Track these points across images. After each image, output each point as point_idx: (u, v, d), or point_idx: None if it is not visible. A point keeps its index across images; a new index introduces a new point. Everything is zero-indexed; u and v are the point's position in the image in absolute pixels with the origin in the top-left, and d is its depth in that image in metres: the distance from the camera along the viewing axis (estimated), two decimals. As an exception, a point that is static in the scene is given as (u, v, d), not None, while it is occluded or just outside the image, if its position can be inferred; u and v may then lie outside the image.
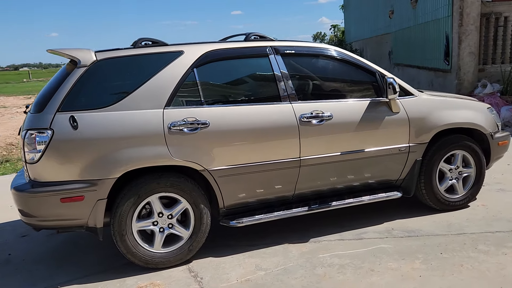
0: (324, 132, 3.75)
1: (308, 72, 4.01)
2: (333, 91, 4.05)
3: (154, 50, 3.53)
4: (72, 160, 3.20)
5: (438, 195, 4.27)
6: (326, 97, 3.90)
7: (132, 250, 3.36)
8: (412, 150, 4.08)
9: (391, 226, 4.07)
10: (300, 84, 3.88)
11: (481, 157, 4.38)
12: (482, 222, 4.07)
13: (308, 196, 3.95)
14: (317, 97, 3.89)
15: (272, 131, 3.61)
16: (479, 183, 4.45)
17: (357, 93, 4.08)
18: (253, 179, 3.62)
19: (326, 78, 4.09)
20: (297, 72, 3.90)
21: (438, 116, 4.14)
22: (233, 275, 3.33)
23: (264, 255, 3.63)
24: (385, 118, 3.95)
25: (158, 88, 3.41)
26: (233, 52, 3.70)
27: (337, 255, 3.56)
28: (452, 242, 3.68)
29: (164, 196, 3.45)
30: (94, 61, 3.35)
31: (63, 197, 3.17)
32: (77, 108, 3.24)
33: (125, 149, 3.26)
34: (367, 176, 4.05)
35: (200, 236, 3.54)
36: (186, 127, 3.37)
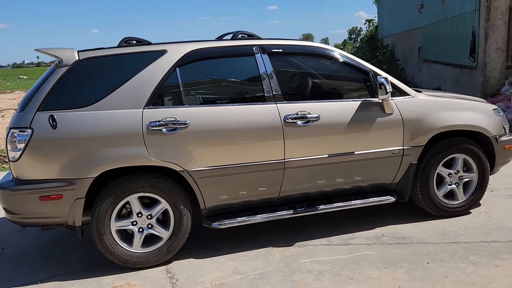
0: (310, 133, 3.64)
1: (296, 71, 3.91)
2: (322, 91, 3.93)
3: (136, 49, 3.53)
4: (51, 159, 3.24)
5: (436, 201, 4.08)
6: (314, 98, 3.79)
7: (110, 249, 3.38)
8: (407, 153, 3.91)
9: (382, 232, 3.92)
10: (287, 84, 3.79)
11: (483, 161, 4.15)
12: (480, 230, 3.86)
13: (295, 199, 3.86)
14: (305, 98, 3.79)
15: (255, 132, 3.54)
16: (481, 189, 4.22)
17: (348, 93, 3.94)
18: (235, 181, 3.57)
19: (315, 78, 3.98)
20: (285, 72, 3.81)
21: (436, 117, 3.94)
22: (209, 278, 3.29)
23: (244, 258, 3.57)
24: (377, 120, 3.80)
25: (139, 87, 3.40)
26: (218, 51, 3.64)
27: (319, 261, 3.46)
28: (443, 251, 3.51)
29: (145, 196, 3.45)
30: (76, 60, 3.37)
31: (42, 196, 3.22)
32: (57, 107, 3.27)
33: (103, 149, 3.27)
34: (357, 180, 3.91)
35: (180, 237, 3.52)
36: (165, 127, 3.35)
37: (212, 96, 3.68)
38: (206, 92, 3.69)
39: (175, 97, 3.49)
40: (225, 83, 3.78)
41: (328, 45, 3.98)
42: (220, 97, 3.68)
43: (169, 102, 3.47)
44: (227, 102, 3.61)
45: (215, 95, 3.71)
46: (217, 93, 3.73)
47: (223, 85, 3.78)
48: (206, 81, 3.72)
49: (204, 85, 3.70)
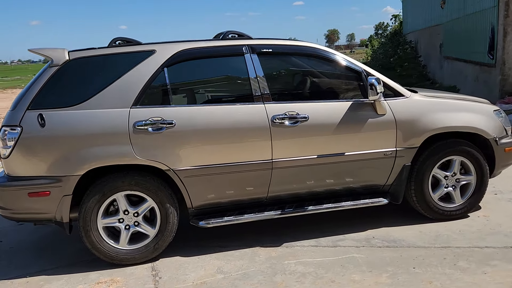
0: (298, 134, 3.61)
1: (286, 71, 3.88)
2: (312, 91, 3.88)
3: (126, 49, 3.56)
4: (39, 156, 3.32)
5: (431, 203, 3.99)
6: (303, 98, 3.76)
7: (96, 246, 3.44)
8: (400, 155, 3.83)
9: (373, 234, 3.86)
10: (276, 84, 3.77)
11: (482, 164, 4.02)
12: (475, 235, 3.75)
13: (285, 199, 3.84)
14: (294, 98, 3.75)
15: (242, 132, 3.53)
16: (480, 192, 4.10)
17: (339, 94, 3.89)
18: (222, 180, 3.57)
19: (305, 78, 3.93)
20: (274, 72, 3.79)
21: (431, 119, 3.84)
22: (191, 277, 3.31)
23: (230, 258, 3.58)
24: (369, 121, 3.73)
25: (126, 87, 3.44)
26: (207, 51, 3.65)
27: (304, 262, 3.44)
28: (432, 255, 3.43)
29: (132, 195, 3.50)
30: (66, 60, 3.44)
31: (30, 192, 3.31)
32: (46, 106, 3.34)
33: (89, 147, 3.33)
34: (349, 181, 3.86)
35: (166, 235, 3.55)
36: (150, 126, 3.38)
37: (200, 96, 3.70)
38: (194, 92, 3.70)
39: (162, 97, 3.51)
40: (213, 83, 3.79)
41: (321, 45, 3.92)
42: (208, 97, 3.69)
43: (156, 102, 3.50)
44: (214, 102, 3.62)
45: (203, 95, 3.72)
46: (205, 93, 3.74)
47: (212, 85, 3.79)
48: (194, 81, 3.74)
49: (192, 85, 3.71)
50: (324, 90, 3.90)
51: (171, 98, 3.50)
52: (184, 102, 3.56)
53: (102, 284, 3.28)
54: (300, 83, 3.91)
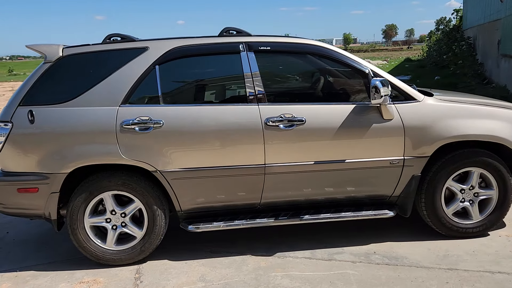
0: (294, 138, 3.39)
1: (284, 71, 3.65)
2: (311, 92, 3.64)
3: (118, 46, 3.49)
4: (28, 153, 3.32)
5: (443, 218, 3.62)
6: (302, 99, 3.52)
7: (83, 245, 3.41)
8: (408, 164, 3.50)
9: (375, 249, 3.56)
10: (273, 84, 3.56)
11: (506, 178, 3.60)
12: (490, 257, 3.36)
13: (281, 206, 3.63)
14: (291, 99, 3.53)
15: (233, 134, 3.36)
16: (502, 209, 3.68)
17: (342, 96, 3.61)
18: (212, 184, 3.42)
19: (305, 78, 3.70)
20: (271, 71, 3.58)
21: (444, 126, 3.48)
22: (172, 283, 3.20)
23: (217, 265, 3.43)
24: (373, 126, 3.43)
25: (116, 85, 3.37)
26: (202, 49, 3.50)
27: (292, 275, 3.22)
28: (433, 278, 3.10)
29: (121, 195, 3.43)
30: (60, 57, 3.42)
31: (19, 188, 3.33)
32: (37, 102, 3.34)
33: (76, 145, 3.29)
34: (350, 190, 3.58)
35: (153, 238, 3.46)
36: (138, 125, 3.29)
37: (191, 96, 3.55)
38: (185, 91, 3.56)
39: (152, 96, 3.41)
40: (207, 82, 3.63)
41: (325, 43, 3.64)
42: (200, 97, 3.54)
43: (145, 101, 3.40)
44: (206, 102, 3.47)
45: (194, 95, 3.57)
46: (197, 92, 3.59)
47: (204, 84, 3.63)
48: (186, 79, 3.60)
49: (184, 84, 3.58)
50: (324, 91, 3.63)
51: (161, 97, 3.39)
52: (175, 102, 3.43)
53: (84, 283, 3.25)
54: (298, 83, 3.68)
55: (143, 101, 3.39)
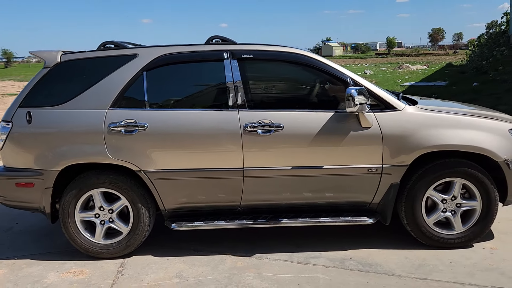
0: (271, 143, 3.49)
1: (266, 78, 3.76)
2: (290, 99, 3.72)
3: (111, 53, 3.72)
4: (25, 150, 3.60)
5: (423, 228, 3.61)
6: (281, 106, 3.60)
7: (73, 237, 3.66)
8: (386, 172, 3.52)
9: (352, 255, 3.60)
10: (254, 91, 3.66)
11: (490, 189, 3.55)
12: (466, 269, 3.33)
13: (262, 209, 3.74)
14: (271, 106, 3.62)
15: (213, 138, 3.50)
16: (486, 221, 3.62)
17: (321, 103, 3.68)
18: (193, 185, 3.58)
19: (286, 85, 3.79)
20: (253, 78, 3.68)
21: (424, 135, 3.48)
22: (150, 278, 3.38)
23: (196, 263, 3.58)
24: (351, 133, 3.48)
25: (106, 89, 3.59)
26: (187, 56, 3.66)
27: (263, 276, 3.33)
28: (401, 286, 3.12)
29: (109, 192, 3.65)
30: (57, 63, 3.68)
31: (17, 182, 3.62)
32: (35, 104, 3.62)
33: (68, 145, 3.54)
34: (329, 196, 3.64)
35: (138, 234, 3.66)
36: (123, 128, 3.50)
37: (175, 101, 3.71)
38: (170, 96, 3.72)
39: (139, 100, 3.61)
40: (190, 88, 3.78)
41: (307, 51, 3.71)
42: (183, 102, 3.70)
43: (132, 105, 3.60)
44: (189, 107, 3.63)
45: (178, 100, 3.73)
46: (181, 97, 3.75)
47: (188, 90, 3.78)
48: (171, 85, 3.76)
49: (168, 89, 3.75)
50: (304, 98, 3.71)
51: (147, 101, 3.58)
52: (159, 106, 3.62)
53: (70, 274, 3.49)
54: (279, 90, 3.77)
55: (130, 105, 3.60)
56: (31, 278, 3.43)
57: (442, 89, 17.09)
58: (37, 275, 3.48)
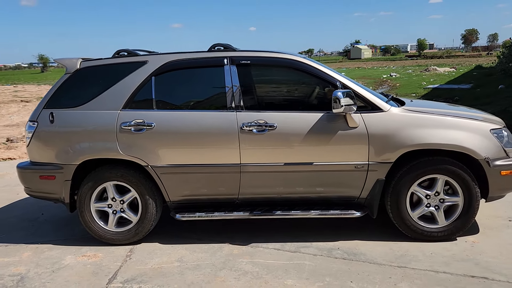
0: (265, 141, 3.82)
1: (262, 82, 4.08)
2: (284, 101, 4.04)
3: (124, 60, 4.13)
4: (48, 147, 4.06)
5: (408, 221, 3.87)
6: (275, 108, 3.93)
7: (89, 225, 4.09)
8: (372, 169, 3.80)
9: (340, 246, 3.89)
10: (250, 93, 3.99)
11: (471, 186, 3.77)
12: (443, 259, 3.56)
13: (258, 202, 4.07)
14: (266, 107, 3.95)
15: (213, 136, 3.86)
16: (467, 216, 3.84)
17: (312, 105, 3.98)
18: (195, 179, 3.95)
19: (280, 88, 4.10)
20: (250, 82, 4.01)
21: (408, 134, 3.73)
22: (155, 261, 3.77)
23: (197, 250, 3.95)
24: (339, 133, 3.78)
25: (119, 92, 4.01)
26: (192, 62, 4.04)
27: (255, 262, 3.66)
28: (380, 273, 3.39)
29: (121, 185, 4.07)
30: (77, 69, 4.14)
31: (41, 175, 4.08)
32: (57, 106, 4.07)
33: (85, 142, 3.98)
34: (320, 190, 3.94)
35: (146, 223, 4.05)
36: (133, 127, 3.91)
37: (180, 102, 4.09)
38: (175, 99, 4.10)
39: (147, 102, 4.00)
40: (193, 91, 4.13)
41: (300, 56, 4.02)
42: (187, 104, 4.07)
43: (142, 106, 4.00)
44: (192, 108, 4.00)
45: (182, 101, 4.09)
46: (185, 99, 4.11)
47: (191, 93, 4.14)
48: (177, 88, 4.13)
49: (174, 92, 4.12)
50: (297, 100, 4.02)
51: (154, 103, 3.98)
52: (165, 107, 4.00)
53: (85, 257, 3.92)
54: (274, 93, 4.09)
55: (139, 107, 4.00)
56: (51, 260, 3.88)
57: (466, 92, 16.98)
58: (56, 257, 3.92)
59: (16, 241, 4.33)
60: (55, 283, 3.48)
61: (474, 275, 3.29)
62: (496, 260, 3.51)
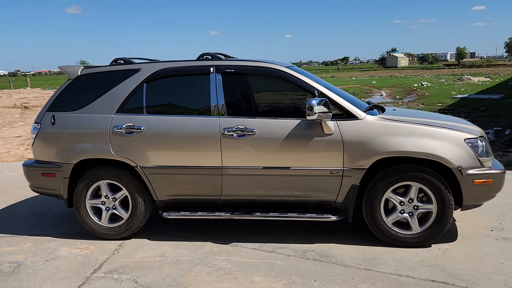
0: (245, 145, 4.03)
1: (244, 89, 4.31)
2: (264, 108, 4.24)
3: (120, 67, 4.46)
4: (49, 146, 4.42)
5: (382, 227, 3.98)
6: (256, 114, 4.16)
7: (84, 220, 4.42)
8: (347, 175, 3.93)
9: (315, 248, 4.04)
10: (233, 100, 4.22)
11: (444, 194, 3.85)
12: (411, 264, 3.66)
13: (240, 203, 4.28)
14: (247, 113, 4.17)
15: (197, 140, 4.11)
16: (441, 223, 3.91)
17: (291, 112, 4.17)
18: (180, 180, 4.21)
19: (261, 96, 4.31)
20: (233, 90, 4.24)
21: (381, 142, 3.85)
22: (139, 255, 4.04)
23: (180, 247, 4.19)
24: (315, 139, 3.94)
25: (113, 97, 4.33)
26: (181, 70, 4.31)
27: (230, 260, 3.87)
28: (345, 274, 3.53)
29: (114, 184, 4.37)
30: (78, 75, 4.49)
31: (42, 172, 4.45)
32: (59, 109, 4.44)
33: (82, 143, 4.31)
34: (297, 194, 4.11)
35: (135, 220, 4.34)
36: (124, 130, 4.21)
37: (168, 108, 4.35)
38: (164, 104, 4.38)
39: (138, 107, 4.30)
40: (181, 97, 4.40)
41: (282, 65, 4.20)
42: (174, 109, 4.33)
43: (133, 111, 4.30)
44: (178, 113, 4.26)
45: (170, 107, 4.36)
46: (172, 105, 4.39)
47: (179, 99, 4.40)
48: (166, 95, 4.40)
49: (163, 98, 4.39)
50: (276, 107, 4.21)
51: (145, 108, 4.27)
52: (154, 112, 4.28)
53: (78, 249, 4.24)
54: (255, 100, 4.29)
55: (131, 111, 4.30)
56: (47, 250, 4.22)
57: (494, 102, 16.60)
58: (52, 248, 4.26)
59: (21, 233, 4.72)
60: (46, 270, 3.81)
61: (435, 280, 3.38)
62: (462, 267, 3.57)
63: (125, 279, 3.60)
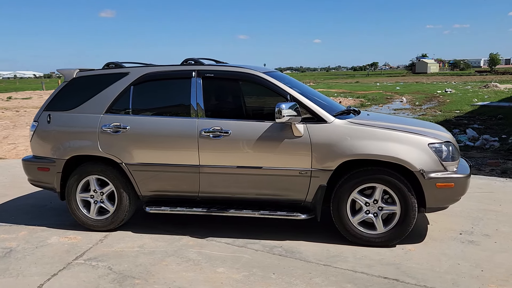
0: (220, 146, 4.29)
1: (223, 93, 4.56)
2: (240, 110, 4.47)
3: (111, 71, 4.80)
4: (45, 143, 4.80)
5: (347, 226, 4.15)
6: (231, 116, 4.38)
7: (74, 212, 4.76)
8: (315, 175, 4.13)
9: (283, 244, 4.25)
10: (211, 103, 4.48)
11: (407, 196, 3.99)
12: (369, 262, 3.82)
13: (217, 200, 4.53)
14: (224, 116, 4.41)
15: (177, 140, 4.39)
16: (404, 224, 4.05)
17: (264, 115, 4.38)
18: (161, 177, 4.50)
19: (237, 99, 4.54)
20: (212, 93, 4.50)
21: (347, 145, 4.04)
22: (120, 246, 4.34)
23: (159, 239, 4.48)
24: (285, 141, 4.16)
25: (103, 98, 4.67)
26: (165, 74, 4.62)
27: (202, 252, 4.12)
28: (303, 269, 3.72)
29: (102, 179, 4.70)
30: (73, 78, 4.86)
31: (38, 167, 4.83)
32: (54, 109, 4.81)
33: (73, 140, 4.67)
34: (269, 192, 4.32)
35: (120, 213, 4.65)
36: (111, 129, 4.54)
37: (152, 109, 4.65)
38: (148, 106, 4.68)
39: (125, 108, 4.62)
40: (164, 99, 4.69)
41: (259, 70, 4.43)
42: (158, 110, 4.63)
43: (120, 111, 4.62)
44: (161, 114, 4.56)
45: (154, 108, 4.67)
46: (156, 106, 4.69)
47: (162, 101, 4.69)
48: (151, 97, 4.70)
49: (148, 100, 4.69)
50: (251, 110, 4.44)
51: (131, 109, 4.59)
52: (139, 113, 4.59)
53: (67, 238, 4.58)
54: (232, 103, 4.53)
55: (119, 112, 4.62)
56: (39, 239, 4.58)
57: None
58: (44, 237, 4.62)
59: (19, 223, 5.11)
60: (34, 256, 4.16)
61: (387, 277, 3.53)
62: (418, 267, 3.71)
63: (101, 266, 3.90)
